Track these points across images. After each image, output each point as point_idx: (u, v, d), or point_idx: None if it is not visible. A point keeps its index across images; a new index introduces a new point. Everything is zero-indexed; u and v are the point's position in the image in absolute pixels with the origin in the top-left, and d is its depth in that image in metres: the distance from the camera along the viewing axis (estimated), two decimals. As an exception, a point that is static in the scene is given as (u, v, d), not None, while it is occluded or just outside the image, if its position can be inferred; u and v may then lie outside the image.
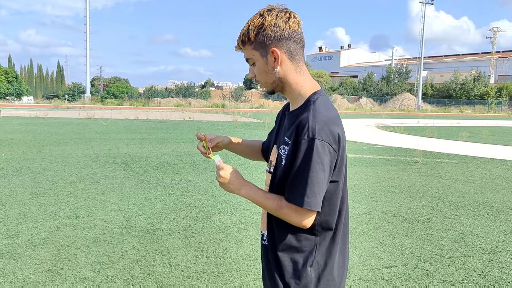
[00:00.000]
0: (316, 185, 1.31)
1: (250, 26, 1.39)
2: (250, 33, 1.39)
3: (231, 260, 3.73)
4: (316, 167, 1.30)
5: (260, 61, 1.42)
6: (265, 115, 28.94)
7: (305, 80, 1.45)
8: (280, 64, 1.40)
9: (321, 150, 1.30)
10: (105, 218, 4.81)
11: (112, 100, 46.91)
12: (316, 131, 1.30)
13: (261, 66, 1.43)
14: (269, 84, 1.46)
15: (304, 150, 1.31)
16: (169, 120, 22.41)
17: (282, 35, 1.38)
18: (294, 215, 1.34)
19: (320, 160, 1.30)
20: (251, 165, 8.59)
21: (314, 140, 1.29)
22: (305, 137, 1.31)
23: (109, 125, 17.77)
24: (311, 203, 1.31)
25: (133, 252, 3.83)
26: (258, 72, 1.44)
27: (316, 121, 1.32)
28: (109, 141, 12.04)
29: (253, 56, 1.43)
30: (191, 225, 4.67)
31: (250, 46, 1.41)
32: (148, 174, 7.42)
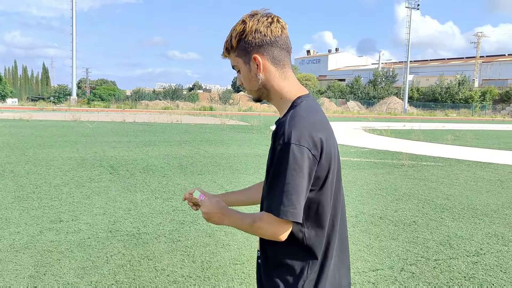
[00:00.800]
0: (293, 192, 1.20)
1: (233, 33, 1.36)
2: (233, 40, 1.36)
3: (217, 264, 3.70)
4: (293, 173, 1.20)
5: (243, 68, 1.38)
6: (253, 118, 28.96)
7: (290, 86, 1.38)
8: (262, 70, 1.35)
9: (299, 155, 1.20)
10: (90, 222, 4.74)
11: (99, 102, 46.45)
12: (292, 135, 1.22)
13: (244, 73, 1.39)
14: (254, 92, 1.41)
15: (279, 156, 1.22)
16: (156, 123, 22.26)
17: (263, 41, 1.33)
18: (267, 227, 1.24)
19: (297, 166, 1.20)
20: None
21: (289, 145, 1.21)
22: (280, 142, 1.23)
23: (95, 127, 17.58)
24: (288, 212, 1.20)
25: (118, 257, 3.78)
26: (243, 79, 1.40)
27: (294, 124, 1.24)
28: (95, 144, 11.91)
29: (237, 63, 1.39)
30: (177, 229, 4.63)
31: (233, 53, 1.38)
32: (134, 177, 7.34)
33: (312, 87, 70.99)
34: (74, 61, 47.80)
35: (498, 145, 16.46)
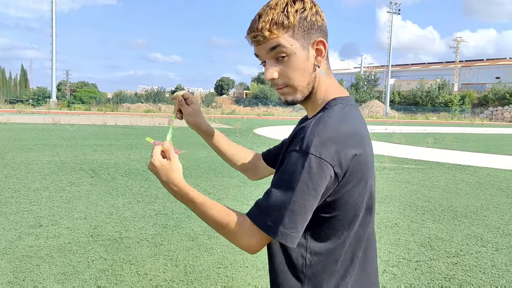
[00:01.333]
0: (299, 213, 0.97)
1: (288, 8, 1.03)
2: (290, 15, 1.02)
3: (201, 268, 3.68)
4: (305, 190, 0.96)
5: (298, 55, 1.04)
6: (236, 121, 28.94)
7: (332, 84, 1.13)
8: (324, 59, 1.08)
9: (316, 170, 0.96)
10: (70, 226, 4.66)
11: (79, 105, 45.83)
12: (312, 143, 0.97)
13: (298, 61, 1.05)
14: (302, 88, 1.08)
15: (291, 164, 0.99)
16: (138, 126, 22.06)
17: (323, 25, 1.08)
18: (246, 239, 1.02)
19: (311, 182, 0.96)
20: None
21: (307, 155, 0.96)
22: (296, 148, 0.99)
23: (75, 130, 17.32)
24: (287, 235, 0.97)
25: (99, 262, 3.72)
26: (292, 69, 1.05)
27: (319, 130, 0.99)
28: (76, 147, 11.73)
29: (290, 46, 1.03)
30: (160, 233, 4.58)
31: (288, 32, 1.03)
32: (116, 181, 7.25)
33: (295, 91, 71.24)
34: (54, 63, 47.06)
35: (477, 148, 16.81)
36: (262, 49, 1.06)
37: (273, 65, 1.06)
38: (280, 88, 1.09)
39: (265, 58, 1.07)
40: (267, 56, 1.06)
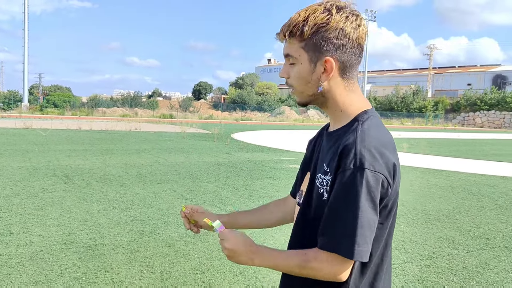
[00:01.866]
0: (367, 228, 1.01)
1: (310, 19, 1.08)
2: (307, 27, 1.08)
3: (177, 274, 3.65)
4: (366, 205, 1.00)
5: (304, 66, 1.12)
6: (214, 126, 28.85)
7: (355, 98, 1.16)
8: (329, 78, 1.13)
9: (373, 184, 1.01)
10: (43, 234, 4.55)
11: (53, 109, 44.82)
12: (365, 158, 1.02)
13: (303, 72, 1.13)
14: (305, 96, 1.17)
15: (350, 183, 1.01)
16: (114, 131, 21.73)
17: (345, 44, 1.10)
18: (328, 268, 1.04)
19: (370, 196, 1.01)
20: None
21: (363, 170, 1.01)
22: (351, 166, 1.02)
23: (48, 135, 16.93)
24: (362, 252, 1.01)
25: (73, 270, 3.64)
26: (297, 77, 1.14)
27: (366, 145, 1.04)
28: (49, 153, 11.46)
29: (298, 56, 1.12)
30: (136, 239, 4.52)
31: (299, 42, 1.11)
32: (91, 187, 7.12)
33: (273, 96, 71.73)
34: (25, 66, 45.97)
35: (450, 152, 17.25)
36: (284, 51, 1.16)
37: (287, 67, 1.17)
38: (290, 88, 1.20)
39: (284, 58, 1.18)
40: (284, 57, 1.17)
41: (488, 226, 5.59)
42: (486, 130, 50.30)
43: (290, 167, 10.46)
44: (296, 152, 14.58)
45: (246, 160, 11.54)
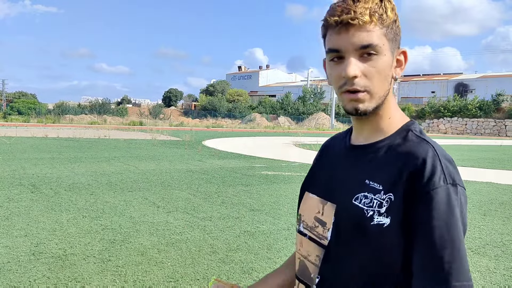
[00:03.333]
0: (465, 256, 0.84)
1: (385, 3, 0.90)
2: (389, 11, 0.90)
3: (151, 283, 3.62)
4: (460, 226, 0.85)
5: (388, 57, 0.91)
6: (185, 133, 28.66)
7: (396, 103, 1.00)
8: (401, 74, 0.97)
9: (464, 204, 0.88)
10: (9, 245, 4.42)
11: (17, 116, 43.42)
12: (453, 174, 0.87)
13: (386, 64, 0.91)
14: (377, 98, 0.92)
15: (446, 204, 0.84)
16: (82, 138, 21.25)
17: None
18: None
19: (463, 219, 0.87)
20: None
21: (456, 187, 0.86)
22: (441, 183, 0.84)
23: (13, 143, 16.39)
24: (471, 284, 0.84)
25: (42, 281, 3.56)
26: (378, 72, 0.90)
27: (447, 159, 0.88)
28: (14, 161, 11.11)
29: (382, 45, 0.89)
30: (107, 248, 4.46)
31: (380, 29, 0.89)
32: (59, 195, 6.95)
33: (243, 103, 71.97)
34: (-11, 72, 44.34)
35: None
36: (348, 39, 0.89)
37: (358, 62, 0.89)
38: (355, 92, 0.90)
39: (347, 52, 0.89)
40: (350, 50, 0.89)
41: (453, 228, 5.81)
42: (449, 136, 52.08)
43: (262, 174, 10.52)
44: (267, 158, 14.68)
45: (218, 167, 11.54)
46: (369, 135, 0.98)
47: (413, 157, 0.88)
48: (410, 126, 0.96)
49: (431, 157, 0.86)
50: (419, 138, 0.92)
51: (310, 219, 1.04)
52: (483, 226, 5.99)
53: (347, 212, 0.94)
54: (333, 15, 0.89)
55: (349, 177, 0.97)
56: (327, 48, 0.93)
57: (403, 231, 0.86)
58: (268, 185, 8.78)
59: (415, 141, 0.91)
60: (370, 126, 0.97)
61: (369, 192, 0.90)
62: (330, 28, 0.91)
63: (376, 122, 0.96)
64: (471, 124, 61.61)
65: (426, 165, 0.85)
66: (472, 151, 23.43)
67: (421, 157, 0.87)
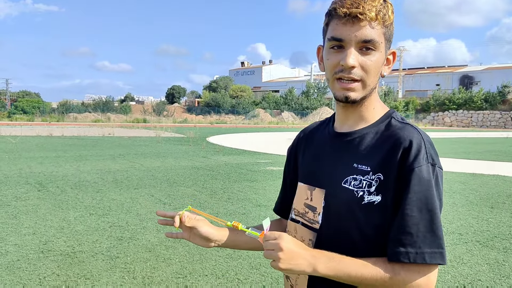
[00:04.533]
0: (441, 227, 0.94)
1: (388, 4, 0.98)
2: (390, 13, 0.99)
3: (159, 279, 3.63)
4: (438, 204, 0.94)
5: (382, 54, 1.01)
6: (189, 129, 28.69)
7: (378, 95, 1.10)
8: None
9: (441, 183, 0.97)
10: (18, 243, 4.44)
11: (21, 115, 43.61)
12: (433, 155, 0.96)
13: (380, 60, 1.00)
14: (368, 89, 1.02)
15: (427, 180, 0.93)
16: (87, 136, 21.32)
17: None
18: (420, 279, 0.91)
19: (440, 196, 0.95)
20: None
21: (434, 167, 0.95)
22: (424, 162, 0.93)
23: (18, 142, 16.47)
24: (443, 254, 0.92)
25: (52, 278, 3.58)
26: (374, 66, 0.99)
27: (429, 142, 0.98)
28: (20, 160, 11.16)
29: (381, 42, 0.98)
30: (115, 245, 4.47)
31: (381, 28, 0.97)
32: (66, 194, 6.98)
33: (247, 98, 71.88)
34: (-7, 72, 44.52)
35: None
36: (353, 32, 0.95)
37: (357, 54, 0.97)
38: (350, 81, 0.98)
39: (349, 43, 0.96)
40: (352, 41, 0.96)
41: (460, 221, 5.78)
42: (455, 129, 51.85)
43: (267, 169, 10.52)
44: (272, 154, 14.67)
45: (223, 163, 11.54)
46: (354, 123, 1.06)
47: (401, 139, 0.96)
48: (392, 114, 1.05)
49: (417, 138, 0.95)
50: (402, 123, 1.01)
51: (300, 206, 1.11)
52: (491, 218, 5.96)
53: (337, 195, 1.01)
54: (343, 6, 0.95)
55: (337, 162, 1.04)
56: (329, 36, 0.99)
57: (394, 207, 0.94)
58: (274, 180, 8.77)
59: (399, 126, 1.00)
60: (355, 115, 1.05)
61: (357, 174, 0.98)
62: (336, 18, 0.97)
63: (362, 111, 1.05)
64: (477, 116, 61.29)
65: (413, 145, 0.94)
66: (478, 144, 23.32)
67: (408, 139, 0.95)
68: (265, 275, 3.76)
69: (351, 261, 0.93)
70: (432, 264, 0.91)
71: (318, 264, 0.93)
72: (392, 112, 1.06)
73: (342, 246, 0.98)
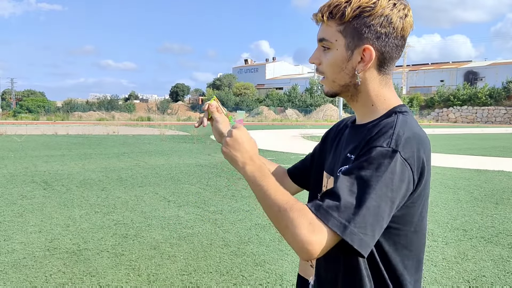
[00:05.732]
0: (374, 215, 0.84)
1: (354, 1, 0.96)
2: (348, 9, 0.96)
3: (164, 276, 3.66)
4: (384, 191, 0.85)
5: (339, 51, 1.00)
6: (193, 127, 28.71)
7: (388, 94, 1.05)
8: (365, 69, 1.01)
9: (399, 173, 0.87)
10: (24, 241, 4.48)
11: (27, 114, 43.84)
12: (402, 142, 0.90)
13: (337, 58, 1.01)
14: (336, 86, 1.04)
15: (373, 159, 0.88)
16: (91, 135, 21.41)
17: (388, 34, 0.97)
18: (306, 229, 0.83)
19: (392, 185, 0.86)
20: (181, 178, 8.44)
21: (395, 153, 0.88)
22: (383, 145, 0.89)
23: (24, 141, 16.56)
24: (357, 236, 0.82)
25: (58, 275, 3.61)
26: (329, 63, 1.02)
27: (405, 130, 0.93)
28: (25, 159, 11.23)
29: (334, 41, 0.99)
30: (120, 243, 4.50)
31: (337, 25, 0.98)
32: (71, 192, 7.03)
33: (250, 96, 71.86)
34: (-2, 71, 44.73)
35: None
36: (319, 34, 1.04)
37: (319, 52, 1.04)
38: (321, 75, 1.07)
39: (317, 42, 1.05)
40: (318, 42, 1.04)
41: (465, 218, 5.77)
42: (459, 125, 51.62)
43: (271, 167, 10.52)
44: (276, 151, 14.67)
45: (227, 161, 11.54)
46: (361, 118, 1.09)
47: (378, 127, 0.97)
48: (397, 109, 1.02)
49: (389, 124, 0.95)
50: (397, 116, 0.99)
51: (321, 192, 1.20)
52: (495, 215, 5.95)
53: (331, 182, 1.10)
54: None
55: (341, 153, 1.09)
56: None
57: None
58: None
59: (389, 118, 0.99)
60: (357, 111, 1.09)
61: (348, 164, 0.99)
62: None
63: (360, 108, 1.07)
64: (482, 112, 60.96)
65: (380, 129, 0.94)
66: (483, 140, 23.22)
67: (383, 126, 0.96)
68: (269, 272, 3.78)
69: (274, 183, 0.94)
70: (330, 227, 0.83)
71: (247, 165, 0.99)
72: (399, 107, 1.03)
73: None
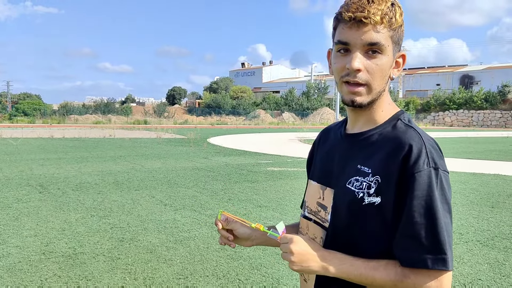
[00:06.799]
0: (450, 234, 0.94)
1: (396, 7, 0.99)
2: (398, 16, 0.99)
3: (160, 280, 3.64)
4: (445, 207, 0.94)
5: (390, 58, 1.01)
6: (190, 130, 28.71)
7: (390, 99, 1.09)
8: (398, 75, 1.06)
9: (446, 186, 0.96)
10: (19, 245, 4.46)
11: (22, 117, 43.67)
12: (436, 159, 0.95)
13: (387, 64, 1.00)
14: (375, 93, 1.02)
15: (427, 184, 0.93)
16: (88, 138, 21.35)
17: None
18: (431, 283, 0.92)
19: (446, 199, 0.95)
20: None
21: (437, 171, 0.94)
22: (424, 166, 0.93)
23: (19, 144, 16.50)
24: (450, 261, 0.92)
25: (53, 280, 3.59)
26: (379, 69, 0.99)
27: (431, 145, 0.98)
28: (21, 162, 11.18)
29: (387, 46, 0.99)
30: (116, 246, 4.48)
31: (388, 31, 0.98)
32: (67, 195, 7.00)
33: (247, 99, 71.92)
34: (-6, 74, 44.55)
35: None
36: (358, 35, 0.97)
37: (362, 58, 0.98)
38: (355, 85, 1.00)
39: (354, 47, 0.98)
40: (358, 45, 0.98)
41: (461, 221, 5.78)
42: (455, 129, 51.80)
43: (268, 170, 10.53)
44: (273, 155, 14.68)
45: (224, 164, 11.55)
46: (363, 125, 1.07)
47: (402, 143, 0.97)
48: (400, 116, 1.05)
49: (418, 142, 0.95)
50: (406, 126, 1.01)
51: (313, 205, 1.15)
52: (491, 218, 5.96)
53: (342, 196, 1.04)
54: (348, 11, 0.97)
55: (345, 163, 1.07)
56: (336, 40, 1.02)
57: (394, 210, 0.95)
58: (274, 181, 8.78)
59: (403, 128, 1.01)
60: (364, 117, 1.07)
61: (360, 175, 1.00)
62: (343, 22, 1.00)
63: (370, 114, 1.06)
64: (477, 116, 61.23)
65: (413, 150, 0.94)
66: (478, 143, 23.31)
67: (408, 143, 0.96)
68: (266, 275, 3.77)
69: (363, 263, 0.96)
70: (436, 269, 0.91)
71: (329, 266, 0.98)
72: (401, 113, 1.06)
73: (349, 245, 1.02)
